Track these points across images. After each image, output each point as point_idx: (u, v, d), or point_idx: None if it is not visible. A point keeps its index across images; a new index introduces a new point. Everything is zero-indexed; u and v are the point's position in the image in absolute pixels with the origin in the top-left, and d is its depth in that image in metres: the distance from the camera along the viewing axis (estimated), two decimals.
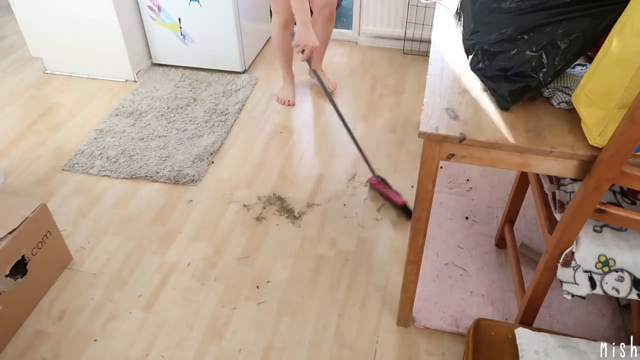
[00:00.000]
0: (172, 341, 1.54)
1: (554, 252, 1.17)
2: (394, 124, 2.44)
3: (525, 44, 1.04)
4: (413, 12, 2.85)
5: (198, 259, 1.78)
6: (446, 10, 1.47)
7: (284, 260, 1.78)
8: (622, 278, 1.13)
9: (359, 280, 1.71)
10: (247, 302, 1.65)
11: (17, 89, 2.70)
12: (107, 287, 1.70)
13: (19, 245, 1.52)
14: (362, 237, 1.86)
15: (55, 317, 1.61)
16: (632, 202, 1.17)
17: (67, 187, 2.08)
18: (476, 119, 1.08)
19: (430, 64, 1.25)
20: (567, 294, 1.18)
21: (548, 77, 1.05)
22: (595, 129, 0.97)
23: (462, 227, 1.87)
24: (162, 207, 1.99)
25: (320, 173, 2.15)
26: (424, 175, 1.15)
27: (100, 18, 2.52)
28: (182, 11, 2.62)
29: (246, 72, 2.82)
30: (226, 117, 2.46)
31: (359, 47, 3.09)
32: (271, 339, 1.54)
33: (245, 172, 2.16)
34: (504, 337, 1.20)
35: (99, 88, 2.71)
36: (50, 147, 2.29)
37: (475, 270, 1.72)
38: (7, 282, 1.50)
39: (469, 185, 2.06)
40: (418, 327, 1.56)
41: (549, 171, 1.06)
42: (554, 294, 1.58)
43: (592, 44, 1.04)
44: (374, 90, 2.69)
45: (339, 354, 1.51)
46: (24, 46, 2.91)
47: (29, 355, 1.50)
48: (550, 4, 1.01)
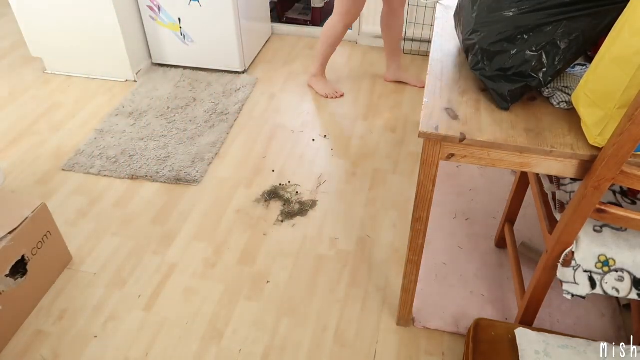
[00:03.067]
0: (172, 341, 1.54)
1: (554, 252, 1.17)
2: (394, 124, 2.44)
3: (525, 44, 1.04)
4: (413, 12, 2.85)
5: (198, 259, 1.78)
6: (446, 10, 1.47)
7: (284, 260, 1.78)
8: (622, 278, 1.13)
9: (359, 280, 1.71)
10: (247, 302, 1.65)
11: (17, 89, 2.70)
12: (107, 287, 1.70)
13: (19, 245, 1.52)
14: (362, 237, 1.86)
15: (55, 317, 1.61)
16: (632, 202, 1.17)
17: (67, 187, 2.08)
18: (476, 119, 1.08)
19: (430, 64, 1.25)
20: (567, 294, 1.18)
21: (548, 77, 1.05)
22: (595, 128, 0.97)
23: (462, 227, 1.87)
24: (162, 207, 1.99)
25: (320, 173, 2.15)
26: (424, 175, 1.15)
27: (100, 18, 2.52)
28: (182, 11, 2.62)
29: (246, 72, 2.82)
30: (226, 117, 2.46)
31: (359, 47, 3.09)
32: (271, 339, 1.54)
33: (245, 172, 2.16)
34: (504, 337, 1.20)
35: (99, 88, 2.71)
36: (50, 147, 2.29)
37: (475, 270, 1.72)
38: (7, 282, 1.50)
39: (469, 185, 2.05)
40: (418, 327, 1.56)
41: (549, 171, 1.06)
42: (554, 294, 1.57)
43: (592, 44, 1.04)
44: (374, 90, 2.69)
45: (339, 354, 1.51)
46: (24, 46, 2.91)
47: (29, 355, 1.50)
48: (550, 4, 1.01)
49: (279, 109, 2.56)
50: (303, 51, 3.05)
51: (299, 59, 2.97)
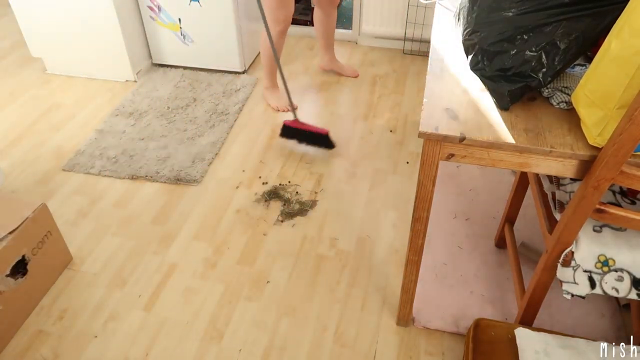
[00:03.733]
0: (172, 341, 1.54)
1: (553, 252, 1.17)
2: (394, 124, 2.44)
3: (525, 44, 1.04)
4: (413, 12, 2.85)
5: (198, 259, 1.79)
6: (446, 10, 1.47)
7: (284, 260, 1.78)
8: (621, 278, 1.13)
9: (359, 280, 1.71)
10: (247, 302, 1.65)
11: (17, 89, 2.70)
12: (107, 287, 1.70)
13: (19, 245, 1.52)
14: (362, 237, 1.86)
15: (56, 317, 1.61)
16: (631, 202, 1.17)
17: (67, 187, 2.08)
18: (476, 119, 1.08)
19: (430, 64, 1.25)
20: (567, 294, 1.18)
21: (548, 77, 1.05)
22: (594, 128, 0.97)
23: (462, 227, 1.87)
24: (162, 207, 1.99)
25: (320, 173, 2.15)
26: (424, 175, 1.15)
27: (101, 18, 2.52)
28: (182, 11, 2.62)
29: (246, 72, 2.82)
30: (226, 117, 2.46)
31: (359, 47, 3.09)
32: (271, 339, 1.55)
33: (245, 172, 2.16)
34: (504, 337, 1.20)
35: (99, 88, 2.71)
36: (50, 147, 2.29)
37: (475, 270, 1.72)
38: (8, 282, 1.50)
39: (469, 185, 2.05)
40: (418, 327, 1.56)
41: (548, 171, 1.06)
42: (554, 294, 1.57)
43: (592, 44, 1.04)
44: (374, 90, 2.69)
45: (339, 354, 1.51)
46: (24, 46, 2.91)
47: (29, 355, 1.51)
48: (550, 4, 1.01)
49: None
50: (303, 51, 3.05)
51: (299, 59, 2.97)
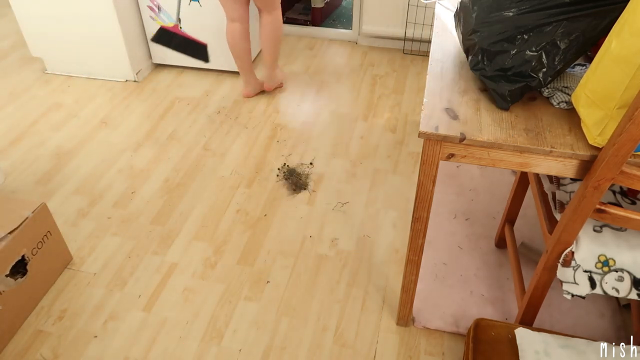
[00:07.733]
0: (172, 341, 1.54)
1: (553, 252, 1.17)
2: (394, 124, 2.44)
3: (525, 44, 1.04)
4: (413, 12, 2.85)
5: (198, 259, 1.79)
6: (446, 10, 1.47)
7: (284, 260, 1.78)
8: (622, 278, 1.13)
9: (359, 280, 1.71)
10: (247, 302, 1.65)
11: (17, 89, 2.70)
12: (107, 287, 1.70)
13: (19, 245, 1.52)
14: (362, 237, 1.86)
15: (55, 317, 1.61)
16: (632, 202, 1.17)
17: (67, 187, 2.08)
18: (476, 119, 1.08)
19: (430, 64, 1.25)
20: (567, 294, 1.18)
21: (548, 77, 1.05)
22: (595, 128, 0.97)
23: (462, 227, 1.87)
24: (162, 207, 1.99)
25: (320, 173, 2.15)
26: (424, 175, 1.15)
27: (100, 18, 2.52)
28: (182, 11, 2.61)
29: None
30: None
31: (359, 47, 3.09)
32: (271, 339, 1.55)
33: (245, 172, 2.16)
34: (504, 337, 1.20)
35: (99, 88, 2.71)
36: (50, 147, 2.29)
37: (475, 270, 1.72)
38: (7, 282, 1.50)
39: (469, 185, 2.05)
40: (418, 327, 1.56)
41: (549, 171, 1.06)
42: (554, 294, 1.58)
43: (592, 44, 1.04)
44: (374, 90, 2.69)
45: (339, 354, 1.51)
46: (24, 46, 2.91)
47: (29, 355, 1.50)
48: (550, 4, 1.01)
49: (279, 109, 2.56)
50: (303, 51, 3.05)
51: (299, 59, 2.97)
